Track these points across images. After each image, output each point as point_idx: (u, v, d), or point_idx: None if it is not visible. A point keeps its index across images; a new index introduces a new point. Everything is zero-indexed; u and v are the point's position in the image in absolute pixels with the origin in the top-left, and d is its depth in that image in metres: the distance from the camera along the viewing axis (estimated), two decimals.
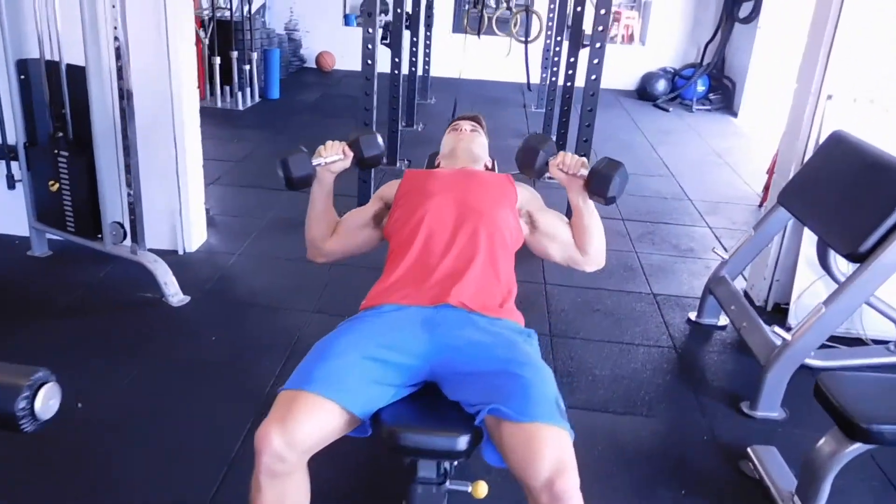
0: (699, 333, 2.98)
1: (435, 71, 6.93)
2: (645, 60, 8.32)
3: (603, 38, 3.42)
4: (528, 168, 1.89)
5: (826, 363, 2.55)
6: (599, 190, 1.77)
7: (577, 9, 4.43)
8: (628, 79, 8.31)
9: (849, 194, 2.39)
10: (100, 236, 2.99)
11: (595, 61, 3.46)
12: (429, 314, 1.65)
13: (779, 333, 2.32)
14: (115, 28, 2.61)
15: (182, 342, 2.69)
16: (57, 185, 2.99)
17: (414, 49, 5.87)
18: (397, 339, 1.59)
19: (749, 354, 2.53)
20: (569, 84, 4.61)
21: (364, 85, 3.62)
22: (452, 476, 1.63)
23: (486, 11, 6.30)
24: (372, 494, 2.00)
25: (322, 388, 1.44)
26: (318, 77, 8.18)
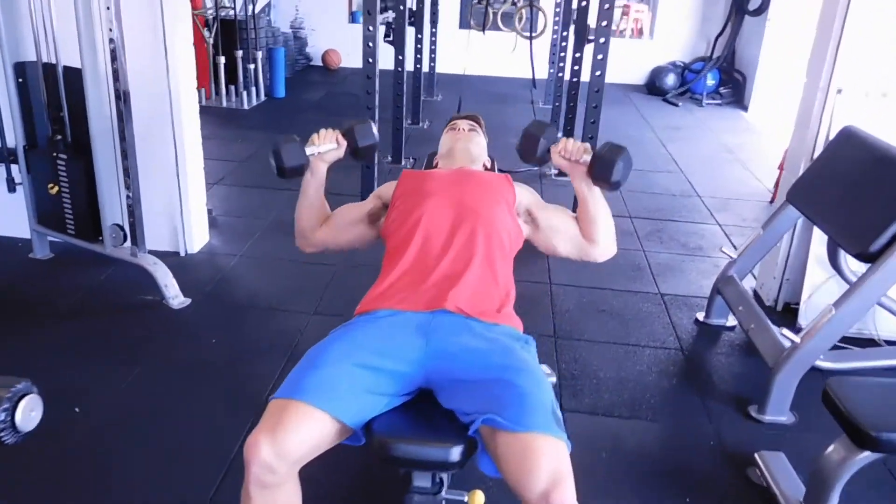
0: (707, 334, 2.92)
1: (441, 67, 6.88)
2: (654, 54, 8.22)
3: (607, 34, 3.36)
4: (530, 156, 1.84)
5: (837, 365, 2.49)
6: (603, 175, 1.72)
7: (582, 3, 4.37)
8: (637, 73, 8.23)
9: (859, 192, 2.33)
10: (100, 239, 2.98)
11: (599, 57, 3.40)
12: (424, 319, 1.61)
13: (787, 336, 2.26)
14: (111, 30, 2.59)
15: (182, 344, 2.67)
16: (56, 188, 2.97)
17: (419, 46, 5.82)
18: (391, 346, 1.55)
19: (758, 356, 2.47)
20: (574, 80, 4.55)
21: (365, 83, 3.58)
22: (449, 485, 1.59)
23: (492, 7, 6.25)
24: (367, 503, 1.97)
25: (313, 398, 1.41)
26: (324, 75, 8.15)
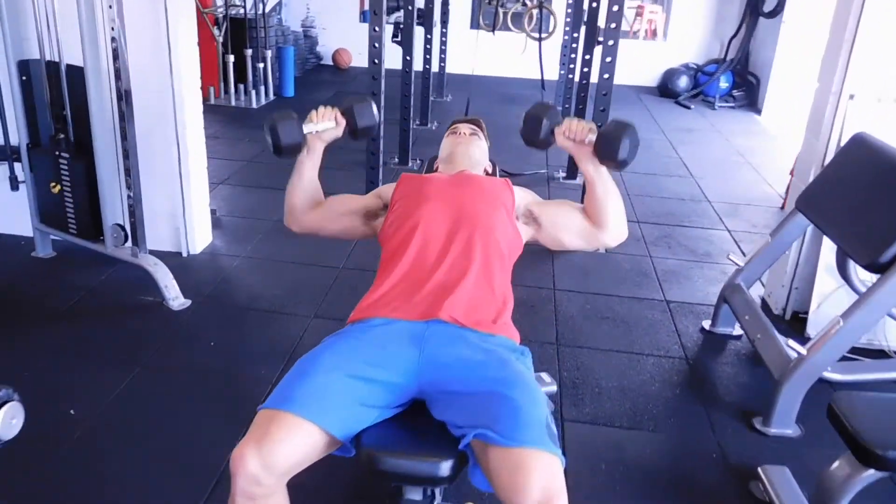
0: (713, 343, 2.87)
1: (451, 67, 6.84)
2: (667, 56, 8.15)
3: (616, 36, 3.30)
4: (533, 139, 1.81)
5: (846, 377, 2.42)
6: (609, 154, 1.69)
7: (593, 4, 4.32)
8: (650, 75, 8.16)
9: (870, 201, 2.27)
10: (101, 238, 2.97)
11: (608, 59, 3.35)
12: (418, 329, 1.58)
13: (794, 347, 2.21)
14: (112, 28, 2.57)
15: (180, 347, 2.65)
16: (58, 187, 2.96)
17: (428, 46, 5.78)
18: (384, 356, 1.52)
19: (764, 367, 2.41)
20: (584, 82, 4.50)
21: (371, 84, 3.55)
22: (441, 499, 1.56)
23: (503, 7, 6.21)
24: None
25: (301, 409, 1.38)
26: (334, 74, 8.13)
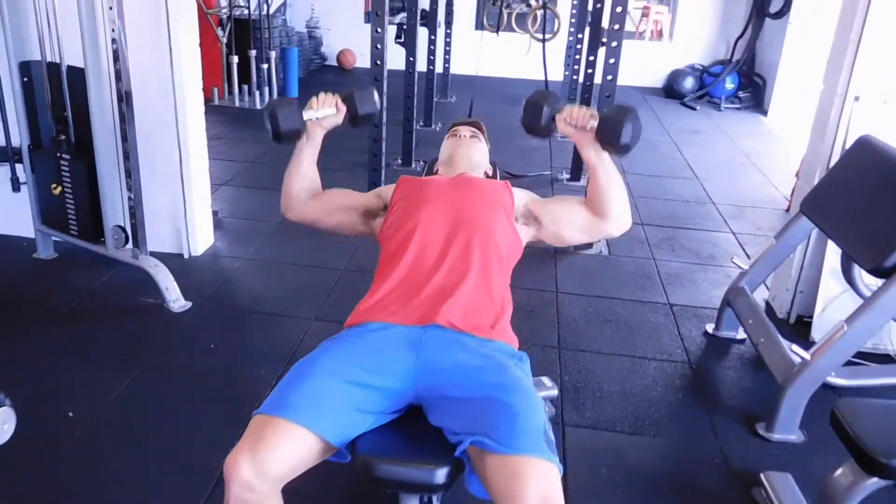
0: (716, 347, 2.84)
1: (456, 68, 6.82)
2: (672, 57, 8.11)
3: (619, 37, 3.28)
4: (534, 127, 1.78)
5: (851, 382, 2.40)
6: (611, 138, 1.67)
7: (597, 5, 4.30)
8: (655, 76, 8.13)
9: (875, 204, 2.24)
10: (102, 240, 2.96)
11: (611, 60, 3.33)
12: (415, 334, 1.56)
13: (797, 352, 2.19)
14: (113, 30, 2.57)
15: (180, 349, 2.64)
16: (59, 189, 2.96)
17: (432, 47, 5.77)
18: (380, 361, 1.51)
19: (768, 371, 2.38)
20: (588, 83, 4.48)
21: (373, 86, 3.52)
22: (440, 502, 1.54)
23: (508, 8, 6.18)
24: None
25: (296, 415, 1.37)
26: (339, 75, 8.13)
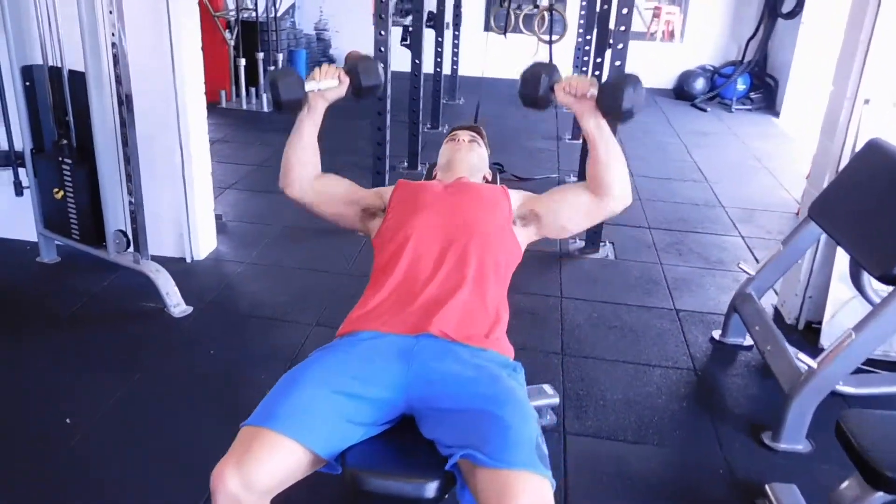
0: (722, 354, 2.79)
1: (465, 70, 6.79)
2: (683, 58, 8.04)
3: (625, 38, 3.23)
4: (532, 98, 1.72)
5: (859, 390, 2.34)
6: (612, 103, 1.60)
7: (604, 7, 4.25)
8: (665, 77, 8.05)
9: (884, 209, 2.19)
10: (104, 244, 2.95)
11: (617, 63, 3.28)
12: (408, 344, 1.54)
13: (804, 360, 2.14)
14: (113, 35, 2.56)
15: (179, 355, 2.63)
16: (61, 193, 2.96)
17: (439, 49, 5.74)
18: (371, 371, 1.48)
19: (775, 379, 2.34)
20: None
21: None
22: None
23: (518, 10, 6.15)
24: None
25: (284, 426, 1.35)
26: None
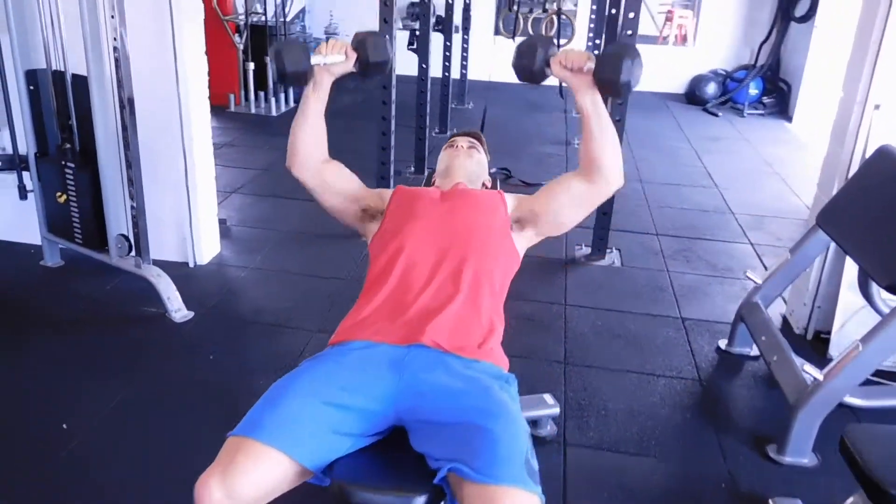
0: (728, 364, 2.74)
1: (474, 74, 6.76)
2: (695, 62, 7.97)
3: (632, 43, 3.20)
4: (528, 69, 1.69)
5: (868, 402, 2.29)
6: (609, 76, 1.54)
7: (612, 11, 4.20)
8: (677, 81, 7.99)
9: (893, 218, 2.14)
10: (106, 248, 2.95)
11: None
12: (399, 354, 1.51)
13: (810, 372, 2.09)
14: (115, 39, 2.56)
15: (179, 360, 2.62)
16: (64, 197, 2.96)
17: (447, 53, 5.73)
18: (360, 381, 1.45)
19: (782, 390, 2.30)
20: None
21: (381, 93, 3.50)
22: None
23: (530, 13, 6.13)
24: None
25: (270, 437, 1.32)
26: (357, 81, 8.07)
